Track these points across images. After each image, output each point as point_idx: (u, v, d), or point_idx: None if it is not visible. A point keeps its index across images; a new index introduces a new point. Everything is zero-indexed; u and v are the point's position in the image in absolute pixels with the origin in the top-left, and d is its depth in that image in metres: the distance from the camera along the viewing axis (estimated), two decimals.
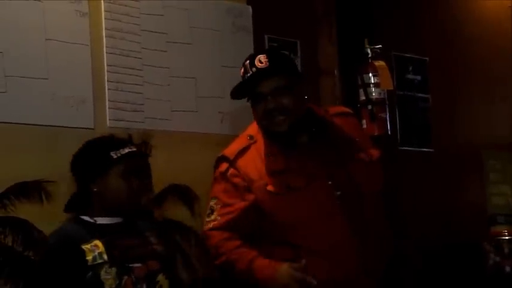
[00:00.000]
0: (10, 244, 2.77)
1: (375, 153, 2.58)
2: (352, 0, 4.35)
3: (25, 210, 2.84)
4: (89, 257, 2.27)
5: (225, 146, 3.62)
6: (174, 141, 3.44)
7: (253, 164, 2.48)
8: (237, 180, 2.47)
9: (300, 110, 2.47)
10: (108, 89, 3.25)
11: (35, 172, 2.88)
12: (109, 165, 2.36)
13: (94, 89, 3.20)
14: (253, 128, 2.56)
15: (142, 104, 3.36)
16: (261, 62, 2.44)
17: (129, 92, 3.32)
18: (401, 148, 4.56)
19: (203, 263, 3.32)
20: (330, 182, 2.45)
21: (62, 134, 3.05)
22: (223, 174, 2.50)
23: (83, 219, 2.38)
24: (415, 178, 4.36)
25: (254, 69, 2.44)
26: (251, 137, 2.54)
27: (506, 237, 4.63)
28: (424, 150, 4.74)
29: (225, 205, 2.47)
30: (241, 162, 2.49)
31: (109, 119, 3.23)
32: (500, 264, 4.53)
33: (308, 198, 2.42)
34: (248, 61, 2.48)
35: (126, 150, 2.38)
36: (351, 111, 2.73)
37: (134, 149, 2.43)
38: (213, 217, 2.48)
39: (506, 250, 4.56)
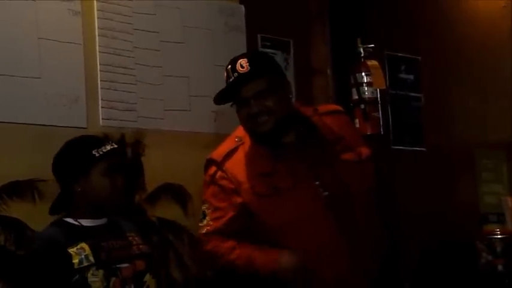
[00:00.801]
0: (2, 243, 2.76)
1: (365, 151, 2.56)
2: (345, 0, 4.36)
3: (17, 209, 2.83)
4: (75, 260, 2.25)
5: (218, 145, 3.64)
6: (167, 140, 3.44)
7: (241, 165, 2.47)
8: (224, 182, 2.47)
9: (284, 109, 2.45)
10: (101, 88, 3.25)
11: (27, 171, 2.87)
12: (91, 163, 2.34)
13: (87, 88, 3.20)
14: (241, 130, 2.55)
15: (135, 103, 3.36)
16: (242, 67, 2.43)
17: (122, 91, 3.32)
18: (393, 147, 4.57)
19: (196, 262, 3.32)
20: (317, 183, 2.43)
21: (55, 133, 3.04)
22: (212, 177, 2.50)
23: (67, 222, 2.36)
24: (407, 177, 4.36)
25: (236, 74, 2.43)
26: (239, 139, 2.54)
27: (499, 236, 4.65)
28: (417, 150, 4.75)
29: (215, 209, 2.47)
30: (228, 165, 2.48)
31: (102, 118, 3.23)
32: (493, 263, 4.55)
33: (295, 199, 2.41)
34: (230, 66, 2.46)
35: (108, 147, 2.37)
36: (342, 109, 2.71)
37: (115, 146, 2.41)
38: (205, 222, 2.48)
39: (498, 249, 4.57)
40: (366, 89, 4.13)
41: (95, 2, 3.26)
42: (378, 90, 4.19)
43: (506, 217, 4.93)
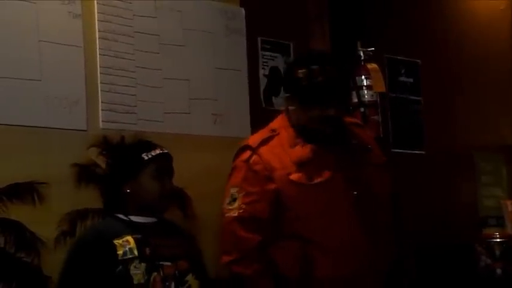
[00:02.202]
0: (2, 245, 2.76)
1: (383, 159, 2.72)
2: (345, 3, 4.36)
3: (17, 212, 2.83)
4: (120, 252, 2.32)
5: (218, 148, 3.64)
6: (167, 143, 3.40)
7: (276, 153, 2.55)
8: (258, 167, 2.53)
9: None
10: (101, 91, 3.25)
11: (27, 173, 2.87)
12: (141, 166, 2.44)
13: (87, 90, 3.20)
14: (275, 123, 2.64)
15: (135, 106, 3.36)
16: (331, 72, 2.54)
17: (122, 93, 3.32)
18: (393, 150, 4.58)
19: None
20: (348, 181, 2.52)
21: (55, 136, 3.05)
22: (246, 162, 2.56)
23: (118, 217, 2.45)
24: (407, 180, 4.37)
25: (324, 76, 2.53)
26: (273, 130, 2.62)
27: (498, 240, 4.65)
28: (416, 153, 4.75)
29: (248, 193, 2.52)
30: (263, 150, 2.56)
31: (102, 121, 3.23)
32: (492, 266, 4.55)
33: (327, 193, 2.50)
34: (317, 67, 2.55)
35: (157, 151, 2.46)
36: (361, 123, 2.94)
37: (165, 151, 2.51)
38: (236, 205, 2.53)
39: (497, 252, 4.58)
40: (365, 92, 4.12)
41: (95, 4, 3.27)
42: (378, 93, 4.19)
43: (506, 220, 4.93)
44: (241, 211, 2.50)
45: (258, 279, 2.48)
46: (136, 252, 2.33)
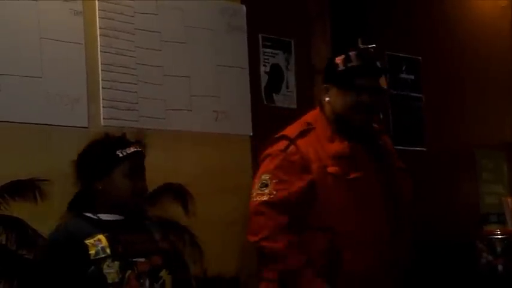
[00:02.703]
0: (4, 242, 2.77)
1: (403, 164, 2.76)
2: (346, 0, 4.36)
3: (19, 209, 2.83)
4: (92, 251, 2.28)
5: (220, 144, 3.65)
6: (168, 139, 3.44)
7: (313, 146, 2.56)
8: (295, 157, 2.54)
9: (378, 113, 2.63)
10: (102, 88, 3.25)
11: (29, 171, 2.87)
12: (115, 163, 2.38)
13: (88, 87, 3.20)
14: (310, 117, 2.65)
15: (136, 103, 3.36)
16: (370, 60, 2.58)
17: (123, 90, 3.32)
18: (394, 147, 4.57)
19: (196, 262, 3.33)
20: (379, 180, 2.58)
21: (56, 133, 3.05)
22: (282, 151, 2.56)
23: (86, 216, 2.39)
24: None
25: (363, 62, 2.56)
26: (309, 124, 2.63)
27: (499, 236, 4.65)
28: (417, 150, 4.76)
29: (281, 181, 2.52)
30: (301, 142, 2.56)
31: (103, 118, 3.23)
32: (493, 262, 4.56)
33: (361, 188, 2.53)
34: (354, 53, 2.58)
35: (132, 149, 2.41)
36: (384, 130, 2.90)
37: (140, 149, 2.45)
38: (267, 190, 2.53)
39: (498, 249, 4.58)
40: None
41: (96, 2, 3.27)
42: None
43: (507, 217, 4.93)
44: (271, 196, 2.51)
45: (290, 252, 2.47)
46: (109, 251, 2.28)
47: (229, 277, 3.49)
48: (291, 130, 2.62)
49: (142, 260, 2.34)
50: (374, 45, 4.16)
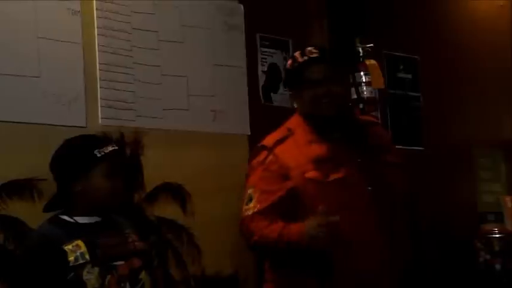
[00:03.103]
0: (1, 242, 2.77)
1: (399, 158, 2.71)
2: (344, 0, 4.36)
3: (17, 209, 2.83)
4: (71, 258, 2.24)
5: (217, 144, 3.65)
6: (166, 139, 3.44)
7: (292, 152, 2.56)
8: (274, 167, 2.55)
9: (346, 98, 2.65)
10: (100, 87, 3.25)
11: (26, 170, 2.87)
12: (93, 163, 2.33)
13: (86, 87, 3.20)
14: (291, 122, 2.65)
15: (134, 103, 3.36)
16: (311, 52, 2.58)
17: (121, 90, 3.32)
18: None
19: (195, 262, 3.33)
20: (364, 179, 2.54)
21: (54, 132, 3.04)
22: (262, 162, 2.56)
23: (62, 219, 2.35)
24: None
25: (305, 57, 2.58)
26: (289, 130, 2.63)
27: (497, 235, 4.66)
28: (415, 149, 4.76)
29: (263, 192, 2.54)
30: (279, 150, 2.57)
31: (101, 117, 3.23)
32: (491, 261, 4.56)
33: (343, 189, 2.51)
34: (298, 52, 2.61)
35: (110, 148, 2.37)
36: (377, 121, 2.90)
37: (117, 148, 2.41)
38: (252, 204, 2.54)
39: (496, 248, 4.59)
40: (364, 88, 4.13)
41: (94, 1, 3.27)
42: (377, 89, 4.20)
43: (505, 216, 4.94)
44: (255, 209, 2.52)
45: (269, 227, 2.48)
46: (88, 257, 2.25)
47: (228, 276, 3.49)
48: (270, 139, 2.62)
49: (122, 263, 2.31)
50: (372, 45, 4.17)
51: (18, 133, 2.97)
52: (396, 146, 2.86)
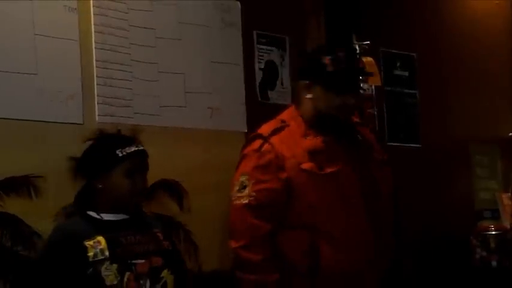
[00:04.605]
0: None
1: (385, 156, 2.78)
2: None
3: (14, 206, 2.83)
4: (90, 253, 2.29)
5: (214, 141, 3.65)
6: (163, 136, 3.44)
7: (287, 143, 2.59)
8: (270, 156, 2.56)
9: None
10: (97, 85, 3.25)
11: (23, 167, 2.87)
12: (114, 163, 2.40)
13: (83, 84, 3.20)
14: (285, 114, 2.68)
15: (131, 100, 3.36)
16: (359, 63, 2.73)
17: (118, 87, 3.32)
18: (389, 144, 4.59)
19: (191, 259, 3.33)
20: (356, 174, 2.58)
21: (51, 130, 3.05)
22: (257, 151, 2.56)
23: (89, 215, 2.41)
24: (402, 174, 4.38)
25: (349, 64, 2.61)
26: (284, 121, 2.65)
27: (493, 232, 4.67)
28: (412, 146, 4.76)
29: (258, 181, 2.54)
30: (274, 140, 2.59)
31: (98, 115, 3.23)
32: (487, 258, 4.57)
33: (337, 183, 2.54)
34: (343, 54, 2.61)
35: (132, 148, 2.42)
36: (363, 122, 2.95)
37: (141, 148, 2.46)
38: (246, 192, 2.54)
39: (492, 245, 4.60)
40: (361, 85, 4.13)
41: None
42: (373, 86, 4.20)
43: (501, 213, 4.95)
44: (251, 198, 2.53)
45: (265, 266, 2.48)
46: (107, 253, 2.29)
47: (224, 272, 3.49)
48: (265, 128, 2.63)
49: (142, 261, 2.35)
50: (368, 42, 4.17)
51: (14, 130, 2.97)
52: (393, 144, 2.90)
